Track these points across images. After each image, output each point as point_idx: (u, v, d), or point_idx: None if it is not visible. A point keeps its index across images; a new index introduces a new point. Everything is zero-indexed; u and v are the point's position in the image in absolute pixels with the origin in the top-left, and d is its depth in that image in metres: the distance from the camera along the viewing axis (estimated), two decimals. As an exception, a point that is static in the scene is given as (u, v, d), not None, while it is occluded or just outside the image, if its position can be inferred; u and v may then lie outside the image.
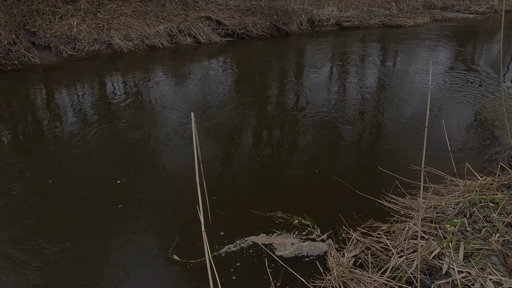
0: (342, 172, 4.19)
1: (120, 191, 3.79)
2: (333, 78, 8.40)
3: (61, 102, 6.43)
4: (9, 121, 5.57)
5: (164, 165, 4.37)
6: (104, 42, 9.83)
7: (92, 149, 4.67)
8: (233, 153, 4.72)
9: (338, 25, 15.14)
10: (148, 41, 10.49)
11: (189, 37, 11.39)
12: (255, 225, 3.29)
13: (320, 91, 7.21)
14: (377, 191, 3.69)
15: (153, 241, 3.11)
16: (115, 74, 8.21)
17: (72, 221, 3.33)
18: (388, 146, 4.94)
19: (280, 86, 7.59)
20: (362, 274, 2.36)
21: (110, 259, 2.93)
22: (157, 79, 7.85)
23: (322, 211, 3.48)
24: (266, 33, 12.96)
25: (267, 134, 5.33)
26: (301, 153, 4.75)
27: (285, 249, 3.04)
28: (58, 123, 5.51)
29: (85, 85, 7.34)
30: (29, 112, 6.02)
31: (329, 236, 3.14)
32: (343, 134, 5.27)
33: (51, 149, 4.68)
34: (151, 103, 6.41)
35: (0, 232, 3.18)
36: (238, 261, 2.88)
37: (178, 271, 2.79)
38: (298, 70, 9.00)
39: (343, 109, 6.23)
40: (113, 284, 2.70)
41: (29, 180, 3.95)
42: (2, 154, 4.50)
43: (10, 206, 3.52)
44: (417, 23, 16.49)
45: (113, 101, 6.45)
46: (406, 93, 7.14)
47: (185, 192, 3.78)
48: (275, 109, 6.31)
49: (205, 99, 6.67)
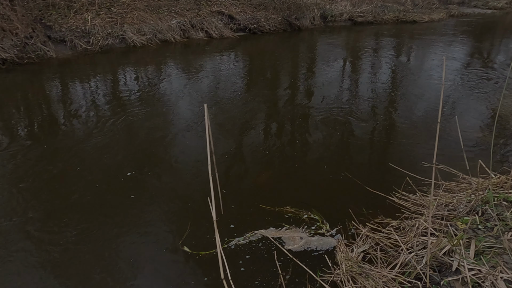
0: (352, 168, 4.18)
1: (132, 182, 3.86)
2: (346, 73, 8.33)
3: (75, 94, 6.55)
4: (25, 113, 5.71)
5: (176, 157, 4.42)
6: (117, 36, 9.94)
7: (105, 140, 4.75)
8: (243, 147, 4.74)
9: (351, 21, 14.96)
10: (161, 36, 10.56)
11: (201, 32, 11.43)
12: (265, 219, 3.31)
13: (332, 86, 7.17)
14: (387, 188, 3.67)
15: (164, 232, 3.17)
16: (128, 68, 8.31)
17: (87, 207, 3.43)
18: (400, 142, 4.89)
19: (292, 81, 7.57)
20: (371, 269, 2.36)
21: (122, 246, 3.00)
22: (169, 73, 7.92)
23: (332, 207, 3.49)
24: (278, 28, 12.90)
25: (277, 129, 5.34)
26: (312, 148, 4.74)
27: (294, 243, 3.06)
28: (72, 115, 5.62)
29: (98, 79, 7.46)
30: (44, 104, 6.15)
31: (338, 231, 3.15)
32: (355, 130, 5.24)
33: (65, 140, 4.78)
34: (162, 97, 6.47)
35: (23, 214, 3.29)
36: (247, 254, 2.91)
37: (188, 262, 2.84)
38: (310, 65, 8.95)
39: (355, 104, 6.19)
40: (123, 270, 2.77)
41: (43, 169, 4.04)
42: (19, 144, 4.61)
43: (28, 191, 3.62)
44: (432, 19, 16.18)
45: (125, 94, 6.54)
46: (420, 89, 7.04)
47: (197, 185, 3.83)
48: (286, 104, 6.30)
49: (217, 93, 6.70)
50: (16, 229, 3.18)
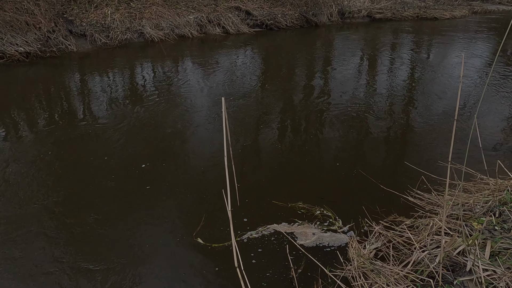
0: (367, 166, 4.15)
1: (148, 173, 3.94)
2: (363, 70, 8.23)
3: (95, 87, 6.71)
4: (46, 104, 5.89)
5: (191, 150, 4.49)
6: (136, 31, 10.10)
7: (122, 132, 4.87)
8: (257, 142, 4.77)
9: (370, 17, 14.73)
10: (178, 31, 10.66)
11: (218, 27, 11.48)
12: (277, 214, 3.34)
13: (349, 83, 7.10)
14: (402, 186, 3.64)
15: (179, 223, 3.23)
16: (145, 62, 8.44)
17: (106, 195, 3.55)
18: (417, 141, 4.83)
19: (308, 78, 7.54)
20: (382, 266, 2.36)
21: (138, 234, 3.09)
22: (186, 68, 8.01)
23: (345, 204, 3.48)
24: (295, 24, 12.83)
25: (292, 125, 5.34)
26: (326, 145, 4.73)
27: (306, 239, 3.08)
28: (89, 107, 5.77)
29: (117, 72, 7.61)
30: (64, 96, 6.32)
31: (351, 228, 3.15)
32: (370, 127, 5.19)
33: (83, 130, 4.91)
34: (178, 91, 6.56)
35: (47, 198, 3.43)
36: (260, 247, 2.95)
37: (200, 252, 2.89)
38: (327, 61, 8.88)
39: (372, 102, 6.12)
40: (138, 254, 2.87)
41: (60, 157, 4.18)
42: (39, 134, 4.78)
43: (52, 178, 3.75)
44: (454, 16, 15.76)
45: (143, 88, 6.66)
46: (439, 87, 6.90)
47: (212, 178, 3.88)
48: (301, 100, 6.29)
49: (233, 88, 6.74)
50: (42, 210, 3.33)
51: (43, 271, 2.72)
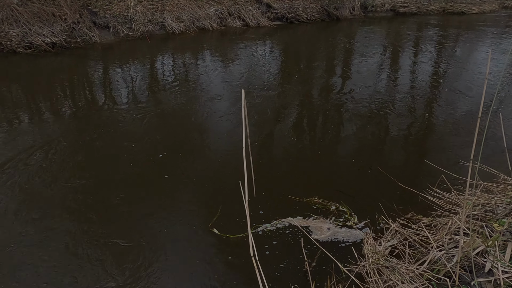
0: (385, 163, 4.10)
1: (167, 163, 4.02)
2: (384, 66, 8.06)
3: (116, 78, 6.86)
4: (70, 93, 6.08)
5: (209, 142, 4.54)
6: (157, 23, 10.22)
7: (141, 121, 4.97)
8: (274, 136, 4.78)
9: (393, 11, 14.37)
10: (199, 23, 10.72)
11: (238, 20, 11.47)
12: (293, 208, 3.35)
13: (369, 79, 6.98)
14: (420, 185, 3.58)
15: (195, 212, 3.29)
16: (166, 54, 8.55)
17: (125, 182, 3.66)
18: (438, 139, 4.72)
19: (327, 72, 7.45)
20: (398, 263, 2.34)
21: (155, 219, 3.19)
22: (206, 60, 8.06)
23: (361, 200, 3.46)
24: (316, 18, 12.67)
25: (309, 120, 5.31)
26: (344, 140, 4.69)
27: (321, 233, 3.08)
28: (110, 96, 5.91)
29: (138, 64, 7.75)
30: (88, 85, 6.50)
31: (366, 224, 3.13)
32: (390, 124, 5.11)
33: (104, 118, 5.04)
34: (197, 83, 6.62)
35: (72, 183, 3.57)
36: (274, 240, 2.97)
37: (215, 242, 2.95)
38: (347, 56, 8.74)
39: (392, 98, 6.01)
40: (155, 239, 2.96)
41: (85, 146, 4.31)
42: (64, 121, 4.94)
43: (77, 161, 3.89)
44: (483, 10, 15.17)
45: (162, 79, 6.76)
46: (465, 84, 6.69)
47: (230, 170, 3.92)
48: (320, 95, 6.24)
49: (251, 81, 6.75)
50: (70, 191, 3.51)
51: (75, 243, 2.89)
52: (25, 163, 3.96)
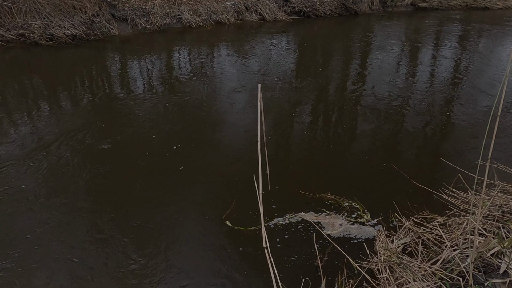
0: (400, 161, 4.05)
1: (182, 155, 4.08)
2: (403, 62, 7.91)
3: (133, 70, 6.97)
4: (89, 84, 6.21)
5: (224, 134, 4.58)
6: (174, 16, 10.29)
7: (157, 114, 5.05)
8: (289, 130, 4.78)
9: (414, 6, 14.03)
10: (216, 17, 10.74)
11: (255, 14, 11.43)
12: (305, 203, 3.36)
13: (386, 75, 6.87)
14: (436, 184, 3.53)
15: (209, 204, 3.34)
16: (183, 47, 8.61)
17: (142, 172, 3.76)
18: (457, 138, 4.63)
19: (343, 68, 7.37)
20: (410, 261, 2.33)
21: (172, 207, 3.27)
22: (221, 54, 8.09)
23: (375, 197, 3.44)
24: (334, 12, 12.49)
25: (325, 115, 5.29)
26: (359, 137, 4.65)
27: (333, 229, 3.09)
28: (127, 88, 6.02)
29: (155, 56, 7.84)
30: (106, 77, 6.63)
31: (379, 222, 3.11)
32: (407, 122, 5.03)
33: (120, 110, 5.15)
34: (213, 76, 6.66)
35: (91, 170, 3.68)
36: (286, 234, 3.00)
37: (227, 234, 2.99)
38: (364, 52, 8.61)
39: (410, 95, 5.90)
40: (172, 224, 3.06)
41: (101, 135, 4.42)
42: (81, 112, 5.06)
43: (92, 154, 4.01)
44: (508, 5, 14.62)
45: (178, 72, 6.83)
46: (487, 81, 6.51)
47: (244, 163, 3.95)
48: (335, 90, 6.19)
49: (267, 76, 6.74)
50: (93, 178, 3.65)
51: (99, 225, 3.03)
52: (52, 150, 4.09)
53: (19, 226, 3.04)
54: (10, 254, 2.76)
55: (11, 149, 4.13)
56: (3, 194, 3.40)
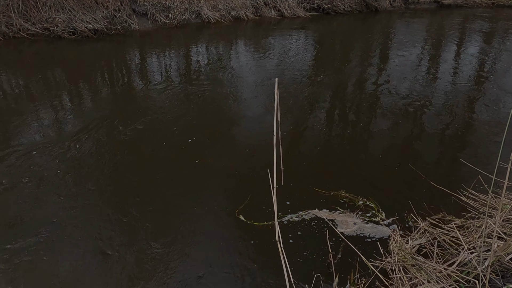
0: (418, 161, 3.98)
1: (198, 148, 4.13)
2: (424, 60, 7.73)
3: (152, 64, 7.07)
4: (109, 77, 6.35)
5: (241, 129, 4.60)
6: (193, 11, 10.36)
7: (173, 107, 5.11)
8: (304, 127, 4.76)
9: (437, 3, 13.66)
10: (234, 13, 10.76)
11: (273, 10, 11.38)
12: (319, 200, 3.35)
13: (407, 74, 6.73)
14: (454, 185, 3.45)
15: (224, 198, 3.37)
16: (201, 42, 8.67)
17: (160, 163, 3.83)
18: (479, 139, 4.50)
19: (362, 66, 7.26)
20: (425, 262, 2.29)
21: (188, 198, 3.33)
22: (239, 50, 8.10)
23: (390, 197, 3.39)
24: (354, 9, 12.31)
25: (342, 113, 5.23)
26: (376, 136, 4.58)
27: (347, 227, 3.07)
28: (146, 81, 6.11)
29: (173, 51, 7.93)
30: (126, 70, 6.75)
31: (394, 221, 3.07)
32: (427, 122, 4.92)
33: (139, 102, 5.24)
34: (230, 71, 6.69)
35: (111, 159, 3.78)
36: (299, 230, 3.00)
37: (240, 228, 3.01)
38: (384, 50, 8.46)
39: (431, 95, 5.77)
40: (187, 214, 3.13)
41: (122, 126, 4.51)
42: (101, 103, 5.19)
43: (111, 143, 4.11)
44: (538, 3, 14.04)
45: (196, 66, 6.89)
46: (511, 84, 6.29)
47: (259, 159, 3.96)
48: (354, 88, 6.11)
49: (283, 72, 6.72)
50: (114, 168, 3.75)
51: (121, 212, 3.12)
52: (75, 140, 4.21)
53: (47, 208, 3.16)
54: (40, 232, 2.87)
55: (36, 137, 4.28)
56: (33, 177, 3.53)
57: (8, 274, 2.57)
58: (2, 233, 2.93)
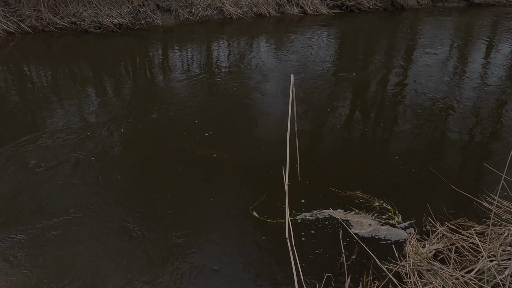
0: (440, 164, 3.86)
1: (217, 142, 4.15)
2: (451, 62, 7.47)
3: (174, 59, 7.16)
4: (132, 70, 6.48)
5: (259, 126, 4.60)
6: (216, 7, 10.41)
7: (192, 101, 5.16)
8: (324, 126, 4.71)
9: (467, 1, 13.16)
10: (256, 9, 10.73)
11: (296, 7, 11.29)
12: (335, 200, 3.31)
13: (432, 75, 6.53)
14: (477, 190, 3.33)
15: (240, 194, 3.37)
16: (222, 38, 8.71)
17: (178, 153, 3.92)
18: (505, 146, 4.31)
19: (386, 64, 7.10)
20: (441, 268, 2.23)
21: (204, 192, 3.37)
22: (260, 46, 8.09)
23: (408, 200, 3.31)
24: (379, 7, 12.03)
25: (363, 112, 5.14)
26: (397, 137, 4.48)
27: (362, 228, 3.02)
28: (167, 76, 6.20)
29: (195, 47, 8.00)
30: (148, 65, 6.87)
31: (411, 225, 3.00)
32: (451, 124, 4.76)
33: (161, 95, 5.32)
34: (251, 68, 6.68)
35: (135, 149, 3.87)
36: (312, 229, 2.97)
37: (253, 224, 3.02)
38: (409, 50, 8.23)
39: (457, 96, 5.57)
40: (198, 211, 3.15)
41: (140, 117, 4.60)
42: (125, 95, 5.30)
43: (133, 134, 4.20)
44: None
45: (216, 62, 6.93)
46: (544, 87, 6.01)
47: (277, 155, 3.93)
48: (376, 87, 5.99)
49: (304, 69, 6.66)
50: (134, 156, 3.85)
51: (142, 199, 3.20)
52: (98, 130, 4.34)
53: (72, 195, 3.28)
54: (69, 213, 2.98)
55: (60, 123, 4.42)
56: (60, 161, 3.66)
57: (35, 251, 2.68)
58: (32, 213, 3.06)
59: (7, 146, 3.98)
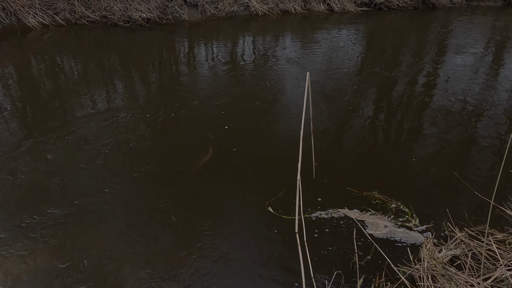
0: (464, 170, 3.75)
1: (237, 136, 4.21)
2: (483, 64, 7.18)
3: (199, 53, 7.28)
4: (159, 63, 6.64)
5: (280, 123, 4.61)
6: (242, 4, 10.45)
7: (214, 95, 5.23)
8: (344, 124, 4.66)
9: (504, 0, 12.55)
10: (282, 6, 10.70)
11: (322, 4, 11.16)
12: (351, 200, 3.29)
13: (462, 77, 6.31)
14: (501, 198, 3.22)
15: (258, 189, 3.40)
16: (248, 34, 8.76)
17: (203, 146, 3.99)
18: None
19: (415, 64, 6.92)
20: (456, 273, 2.19)
21: (222, 184, 3.44)
22: (285, 43, 8.07)
23: (427, 203, 3.24)
24: (409, 5, 11.70)
25: (387, 113, 5.04)
26: (420, 140, 4.37)
27: (377, 229, 2.99)
28: (192, 70, 6.31)
29: (221, 42, 8.09)
30: (174, 58, 7.02)
31: (428, 229, 2.94)
32: (481, 129, 4.59)
33: (184, 89, 5.43)
34: (275, 64, 6.69)
35: (148, 144, 4.00)
36: (326, 227, 2.98)
37: (267, 219, 3.05)
38: (439, 50, 7.97)
39: (489, 101, 5.36)
40: (215, 203, 3.22)
41: (165, 109, 4.72)
42: (148, 87, 5.45)
43: (153, 127, 4.33)
44: None
45: (241, 58, 6.97)
46: None
47: (296, 152, 3.94)
48: (402, 89, 5.85)
49: (328, 68, 6.60)
50: (148, 148, 3.92)
51: (158, 193, 3.28)
52: (122, 120, 4.50)
53: (105, 179, 3.43)
54: (100, 195, 3.13)
55: (91, 111, 4.62)
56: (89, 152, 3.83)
57: (62, 233, 2.84)
58: (60, 196, 3.23)
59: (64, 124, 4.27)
